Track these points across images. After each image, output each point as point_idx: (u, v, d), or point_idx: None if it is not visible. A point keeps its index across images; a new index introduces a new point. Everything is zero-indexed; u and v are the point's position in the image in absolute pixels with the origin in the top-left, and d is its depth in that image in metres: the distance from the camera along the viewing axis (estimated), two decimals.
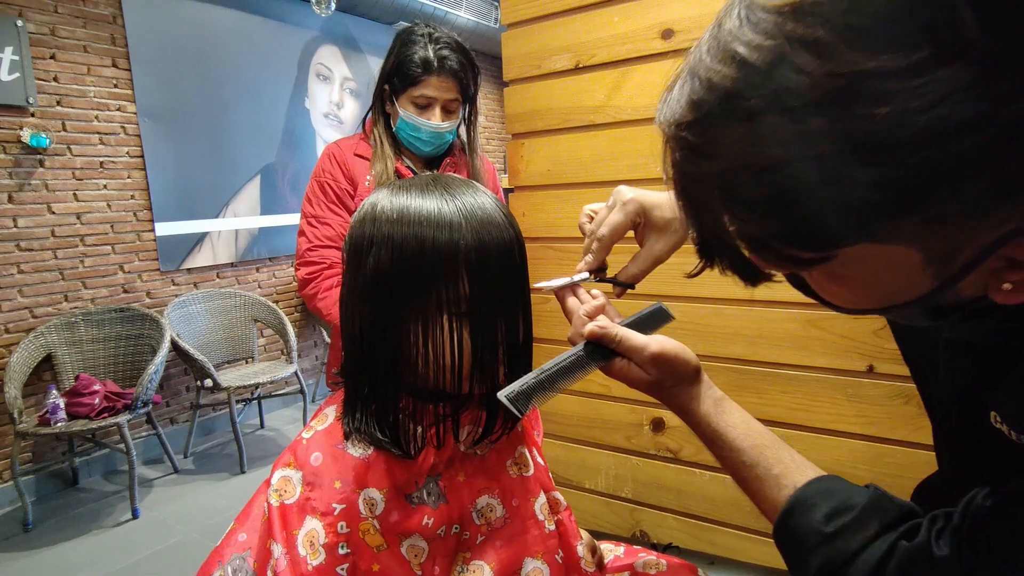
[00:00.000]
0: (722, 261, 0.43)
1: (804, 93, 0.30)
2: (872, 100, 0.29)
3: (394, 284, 0.61)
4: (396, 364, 0.64)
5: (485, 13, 4.70)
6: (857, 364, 1.14)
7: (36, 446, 2.87)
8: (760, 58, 0.32)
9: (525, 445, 0.75)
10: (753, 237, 0.37)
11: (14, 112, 2.74)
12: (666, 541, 1.38)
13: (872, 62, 0.29)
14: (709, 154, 0.36)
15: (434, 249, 0.60)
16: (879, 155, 0.30)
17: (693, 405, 0.61)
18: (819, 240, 0.35)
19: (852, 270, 0.38)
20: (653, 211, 0.71)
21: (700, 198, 0.38)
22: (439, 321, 0.62)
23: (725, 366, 1.26)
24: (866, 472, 1.15)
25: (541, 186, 1.43)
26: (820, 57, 0.30)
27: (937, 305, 0.38)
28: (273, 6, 3.73)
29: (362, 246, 0.63)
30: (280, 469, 0.64)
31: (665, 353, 0.60)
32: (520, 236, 0.66)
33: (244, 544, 0.65)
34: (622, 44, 1.26)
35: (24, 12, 2.75)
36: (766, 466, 0.56)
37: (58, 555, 2.41)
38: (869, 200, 0.31)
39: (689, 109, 0.36)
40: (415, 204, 0.62)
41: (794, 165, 0.32)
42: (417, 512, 0.64)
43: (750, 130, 0.33)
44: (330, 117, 4.16)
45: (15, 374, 2.64)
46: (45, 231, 2.87)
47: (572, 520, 0.77)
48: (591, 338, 0.62)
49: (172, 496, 2.86)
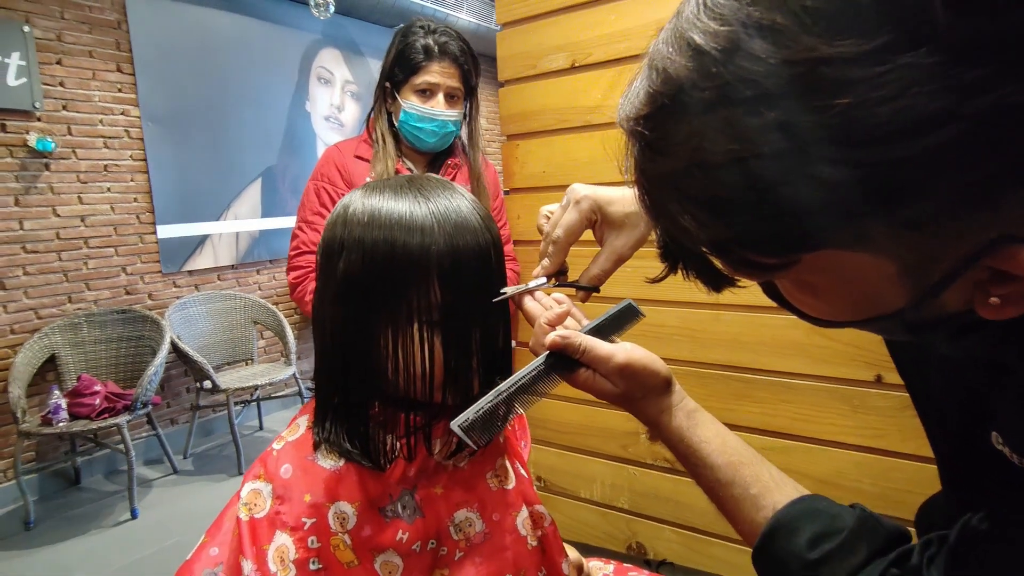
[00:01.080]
0: (686, 266, 0.41)
1: (758, 83, 0.28)
2: (830, 90, 0.26)
3: (365, 289, 0.59)
4: (367, 371, 0.62)
5: (486, 15, 4.69)
6: (864, 374, 1.10)
7: (39, 445, 2.89)
8: (715, 46, 0.29)
9: (506, 457, 0.72)
10: (712, 241, 0.34)
11: (21, 116, 2.77)
12: (663, 554, 1.35)
13: (830, 48, 0.26)
14: (664, 150, 0.33)
15: (405, 255, 0.57)
16: (838, 151, 0.27)
17: (664, 419, 0.57)
18: (778, 245, 0.32)
19: (820, 279, 0.35)
20: (609, 207, 0.68)
21: (658, 198, 0.36)
22: (410, 329, 0.59)
23: (724, 374, 1.23)
24: (872, 487, 1.11)
25: (536, 188, 1.41)
26: (776, 43, 0.27)
27: (919, 320, 0.34)
28: (274, 10, 3.75)
29: (333, 249, 0.61)
30: (250, 482, 0.62)
31: (632, 364, 0.57)
32: (498, 240, 0.63)
33: (215, 559, 0.63)
34: (619, 42, 1.23)
35: (31, 18, 2.78)
36: (743, 485, 0.52)
37: (58, 554, 2.42)
38: (829, 202, 0.28)
39: (646, 102, 0.34)
40: (387, 206, 0.59)
41: (748, 162, 0.29)
42: (391, 526, 0.61)
43: (704, 124, 0.30)
44: (331, 120, 4.17)
45: (19, 374, 2.65)
46: (50, 233, 2.89)
47: (557, 536, 0.74)
48: (553, 348, 0.58)
49: (171, 497, 2.86)
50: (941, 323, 0.35)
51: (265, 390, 3.69)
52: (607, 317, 0.64)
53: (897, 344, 0.58)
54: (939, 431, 0.54)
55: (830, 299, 0.37)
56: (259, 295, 3.74)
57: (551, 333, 0.59)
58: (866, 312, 0.36)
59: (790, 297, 0.40)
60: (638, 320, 0.66)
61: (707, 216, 0.32)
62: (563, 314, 0.63)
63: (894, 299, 0.33)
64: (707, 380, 1.24)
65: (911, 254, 0.30)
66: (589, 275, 0.70)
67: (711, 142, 0.30)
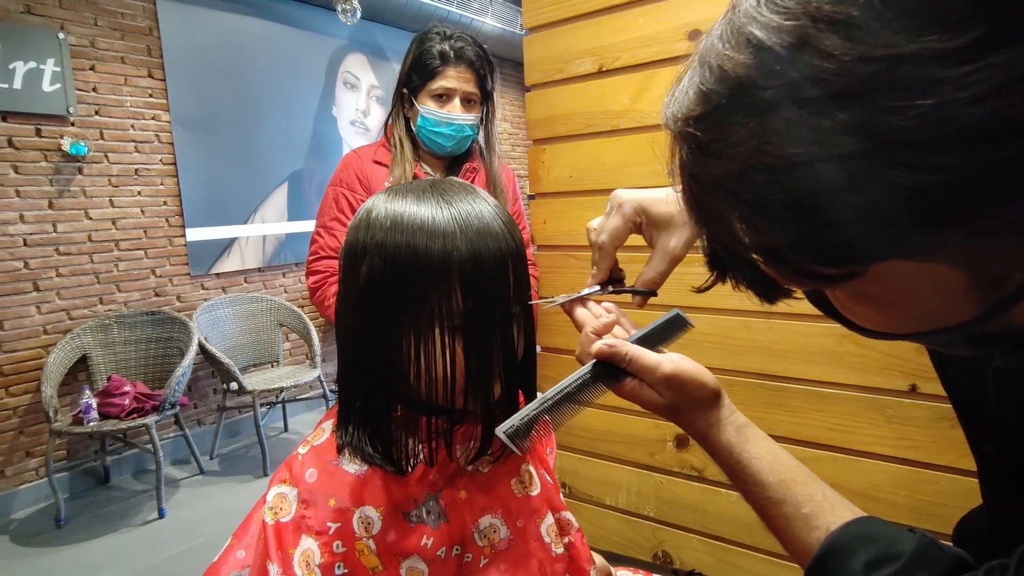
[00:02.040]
0: (735, 274, 0.39)
1: (830, 81, 0.26)
2: (911, 90, 0.24)
3: (386, 295, 0.59)
4: (389, 376, 0.62)
5: (511, 19, 4.70)
6: (898, 383, 1.07)
7: (70, 444, 2.96)
8: (779, 41, 0.28)
9: (531, 463, 0.71)
10: (768, 249, 0.33)
11: (55, 121, 2.84)
12: (690, 564, 1.32)
13: (913, 44, 0.24)
14: (718, 153, 0.31)
15: (427, 260, 0.57)
16: (917, 155, 0.25)
17: (713, 432, 0.56)
18: (843, 255, 0.30)
19: (882, 290, 0.33)
20: (653, 207, 0.66)
21: (709, 203, 0.34)
22: (432, 335, 0.59)
23: (755, 382, 1.20)
24: (906, 499, 1.08)
25: (563, 193, 1.40)
26: (851, 39, 0.26)
27: (982, 333, 0.33)
28: (302, 16, 3.80)
29: (355, 253, 0.61)
30: (276, 486, 0.62)
31: (680, 375, 0.55)
32: (521, 246, 0.63)
33: (242, 562, 0.63)
34: (647, 46, 1.22)
35: (65, 25, 2.85)
36: (795, 504, 0.50)
37: (87, 552, 2.47)
38: (904, 209, 0.26)
39: (698, 101, 0.32)
40: (409, 211, 0.59)
41: (815, 166, 0.27)
42: (415, 531, 0.61)
43: (765, 125, 0.29)
44: (356, 124, 4.21)
45: (52, 374, 2.72)
46: (82, 236, 2.96)
47: (585, 544, 0.73)
48: (599, 357, 0.57)
49: (197, 497, 2.91)
50: (1005, 337, 0.33)
51: (290, 392, 3.74)
52: (655, 327, 0.63)
53: (944, 355, 0.55)
54: (989, 444, 0.52)
55: (889, 311, 0.35)
56: (285, 298, 3.79)
57: (597, 342, 0.57)
58: (926, 325, 0.34)
59: (842, 308, 0.38)
60: (687, 330, 0.65)
61: (764, 222, 0.31)
62: (610, 323, 0.62)
63: (959, 312, 0.32)
64: (738, 388, 1.21)
65: (985, 264, 0.29)
66: (643, 279, 0.68)
67: (773, 144, 0.28)
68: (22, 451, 2.82)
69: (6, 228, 2.72)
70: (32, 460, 2.85)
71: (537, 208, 1.44)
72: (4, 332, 2.74)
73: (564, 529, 0.71)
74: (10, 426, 2.78)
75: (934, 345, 0.44)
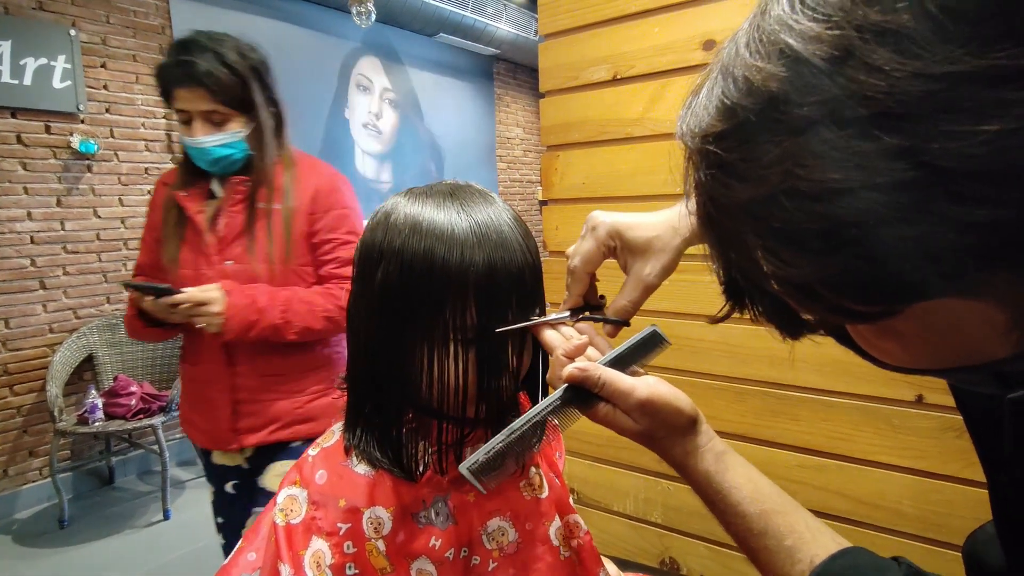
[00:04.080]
0: (754, 306, 0.37)
1: (877, 100, 0.23)
2: (974, 113, 0.22)
3: (401, 302, 0.59)
4: (400, 383, 0.62)
5: (525, 25, 4.73)
6: (904, 393, 1.08)
7: (75, 444, 2.95)
8: (818, 52, 0.25)
9: (540, 466, 0.72)
10: (794, 282, 0.29)
11: (65, 119, 2.85)
12: (697, 570, 1.33)
13: (977, 60, 0.21)
14: (744, 175, 0.28)
15: (443, 271, 0.57)
16: (978, 187, 0.23)
17: (690, 461, 0.53)
18: (884, 292, 0.27)
19: (914, 327, 0.30)
20: (628, 232, 0.63)
21: (729, 228, 0.31)
22: (445, 346, 0.59)
23: (759, 390, 1.21)
24: (911, 508, 1.08)
25: (576, 199, 1.41)
26: (903, 53, 0.23)
27: (1015, 371, 0.31)
28: (315, 17, 3.81)
29: (372, 257, 0.61)
30: (286, 487, 0.62)
31: (654, 400, 0.53)
32: (537, 259, 0.63)
33: (253, 564, 0.63)
34: (662, 55, 1.23)
35: (77, 22, 2.86)
36: (777, 535, 0.48)
37: (91, 553, 2.46)
38: (958, 245, 0.24)
39: (721, 116, 0.29)
40: (428, 217, 0.59)
41: (856, 194, 0.24)
42: (424, 533, 0.61)
43: (800, 146, 0.26)
44: (369, 127, 4.22)
45: (57, 373, 2.72)
46: (91, 234, 2.97)
47: (593, 547, 0.73)
48: (570, 381, 0.55)
49: (202, 498, 2.88)
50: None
51: None
52: (630, 345, 0.61)
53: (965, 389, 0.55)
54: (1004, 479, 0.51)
55: (917, 347, 0.32)
56: None
57: (569, 366, 0.55)
58: (955, 361, 0.31)
59: (862, 340, 0.35)
60: (663, 348, 0.62)
61: (793, 252, 0.28)
62: (582, 345, 0.59)
63: (993, 350, 0.29)
64: (744, 396, 1.22)
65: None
66: (616, 307, 0.65)
67: (809, 168, 0.25)
68: (26, 451, 2.82)
69: (13, 225, 2.73)
70: (36, 460, 2.85)
71: (550, 214, 1.45)
72: (10, 330, 2.74)
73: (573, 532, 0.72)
74: (14, 425, 2.78)
75: (957, 381, 0.40)
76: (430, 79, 4.65)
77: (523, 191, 5.87)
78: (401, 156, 4.47)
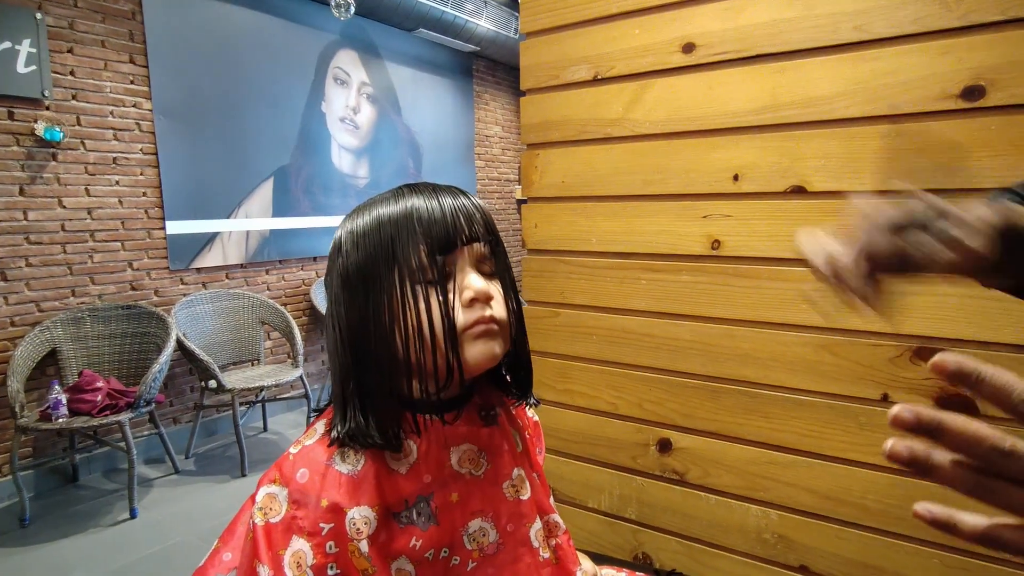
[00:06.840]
0: None
1: None
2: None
3: (360, 268, 0.61)
4: (377, 349, 0.62)
5: (505, 23, 4.72)
6: (871, 392, 1.11)
7: (36, 441, 2.87)
8: None
9: (523, 467, 0.72)
10: None
11: (29, 104, 2.76)
12: (669, 565, 1.35)
13: None
14: None
15: (389, 221, 0.61)
16: None
17: None
18: None
19: None
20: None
21: None
22: (407, 294, 0.60)
23: (735, 388, 1.23)
24: (875, 503, 1.12)
25: (555, 198, 1.41)
26: None
27: None
28: (293, 8, 3.76)
29: (333, 256, 0.65)
30: (265, 486, 0.61)
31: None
32: (486, 209, 0.66)
33: (229, 564, 0.62)
34: (642, 57, 1.24)
35: (43, 5, 2.77)
36: None
37: (54, 552, 2.40)
38: None
39: None
40: (379, 200, 0.64)
41: None
42: (405, 533, 0.61)
43: None
44: (346, 122, 4.18)
45: (18, 368, 2.64)
46: (55, 225, 2.88)
47: (571, 545, 0.74)
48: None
49: (171, 497, 2.85)
50: None
51: (271, 391, 3.69)
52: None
53: None
54: None
55: None
56: (268, 295, 3.74)
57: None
58: None
59: None
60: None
61: None
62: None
63: None
64: (718, 394, 1.24)
65: None
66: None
67: None
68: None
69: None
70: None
71: (529, 212, 1.45)
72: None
73: (551, 532, 0.72)
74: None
75: None
76: (409, 74, 4.62)
77: (501, 189, 5.87)
78: (378, 151, 4.43)
